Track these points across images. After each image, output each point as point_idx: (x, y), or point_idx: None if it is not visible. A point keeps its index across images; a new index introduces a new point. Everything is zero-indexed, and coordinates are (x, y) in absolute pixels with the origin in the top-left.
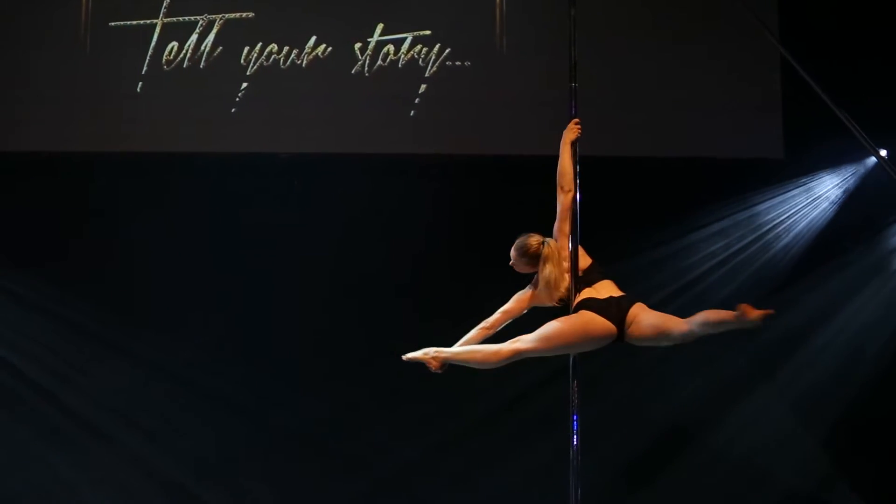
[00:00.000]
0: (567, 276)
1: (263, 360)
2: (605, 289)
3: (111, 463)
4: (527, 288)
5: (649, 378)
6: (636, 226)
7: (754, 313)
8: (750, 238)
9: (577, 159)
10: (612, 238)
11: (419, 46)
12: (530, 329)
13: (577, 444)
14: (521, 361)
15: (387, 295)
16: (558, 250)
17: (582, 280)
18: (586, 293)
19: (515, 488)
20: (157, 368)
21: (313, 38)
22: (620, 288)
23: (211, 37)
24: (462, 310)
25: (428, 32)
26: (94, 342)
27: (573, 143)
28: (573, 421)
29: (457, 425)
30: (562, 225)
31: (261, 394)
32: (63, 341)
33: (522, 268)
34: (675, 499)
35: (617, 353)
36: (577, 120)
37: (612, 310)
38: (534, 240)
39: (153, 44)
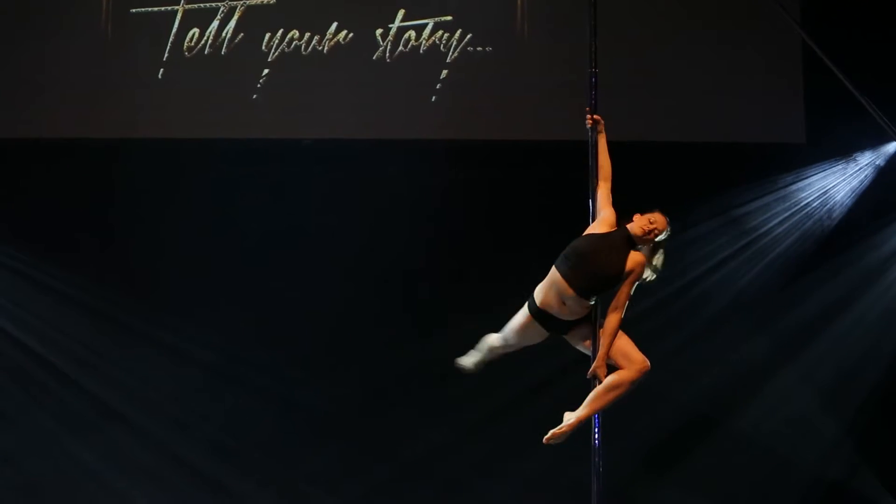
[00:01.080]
0: None
1: (288, 345)
2: None
3: (134, 448)
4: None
5: (673, 363)
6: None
7: None
8: (772, 223)
9: (592, 146)
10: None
11: (440, 32)
12: None
13: (599, 429)
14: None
15: (409, 279)
16: None
17: None
18: None
19: (539, 473)
20: (181, 353)
21: (335, 25)
22: None
23: (232, 23)
24: (483, 294)
25: (449, 18)
26: (117, 328)
27: (591, 132)
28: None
29: (482, 410)
30: None
31: (286, 379)
32: (85, 327)
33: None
34: (699, 484)
35: (641, 339)
36: (587, 108)
37: None
38: None
39: (174, 30)
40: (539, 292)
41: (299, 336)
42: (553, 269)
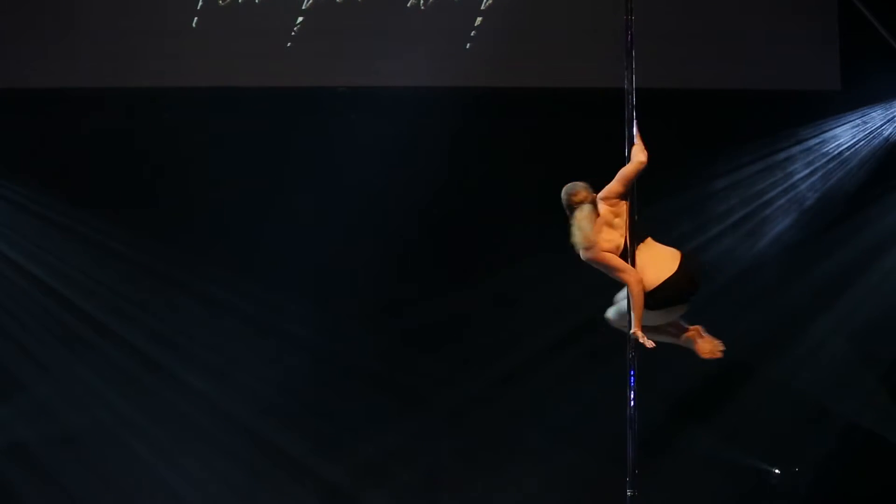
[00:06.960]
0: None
1: (324, 297)
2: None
3: (173, 400)
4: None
5: (708, 310)
6: (692, 158)
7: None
8: (807, 171)
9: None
10: (666, 171)
11: None
12: None
13: (634, 376)
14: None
15: (443, 227)
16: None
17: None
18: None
19: (575, 419)
20: (221, 305)
21: None
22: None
23: None
24: (517, 242)
25: None
26: (155, 279)
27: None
28: (631, 353)
29: (515, 359)
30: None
31: (323, 330)
32: (124, 279)
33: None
34: (733, 432)
35: None
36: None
37: None
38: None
39: None
40: None
41: (335, 286)
42: None
